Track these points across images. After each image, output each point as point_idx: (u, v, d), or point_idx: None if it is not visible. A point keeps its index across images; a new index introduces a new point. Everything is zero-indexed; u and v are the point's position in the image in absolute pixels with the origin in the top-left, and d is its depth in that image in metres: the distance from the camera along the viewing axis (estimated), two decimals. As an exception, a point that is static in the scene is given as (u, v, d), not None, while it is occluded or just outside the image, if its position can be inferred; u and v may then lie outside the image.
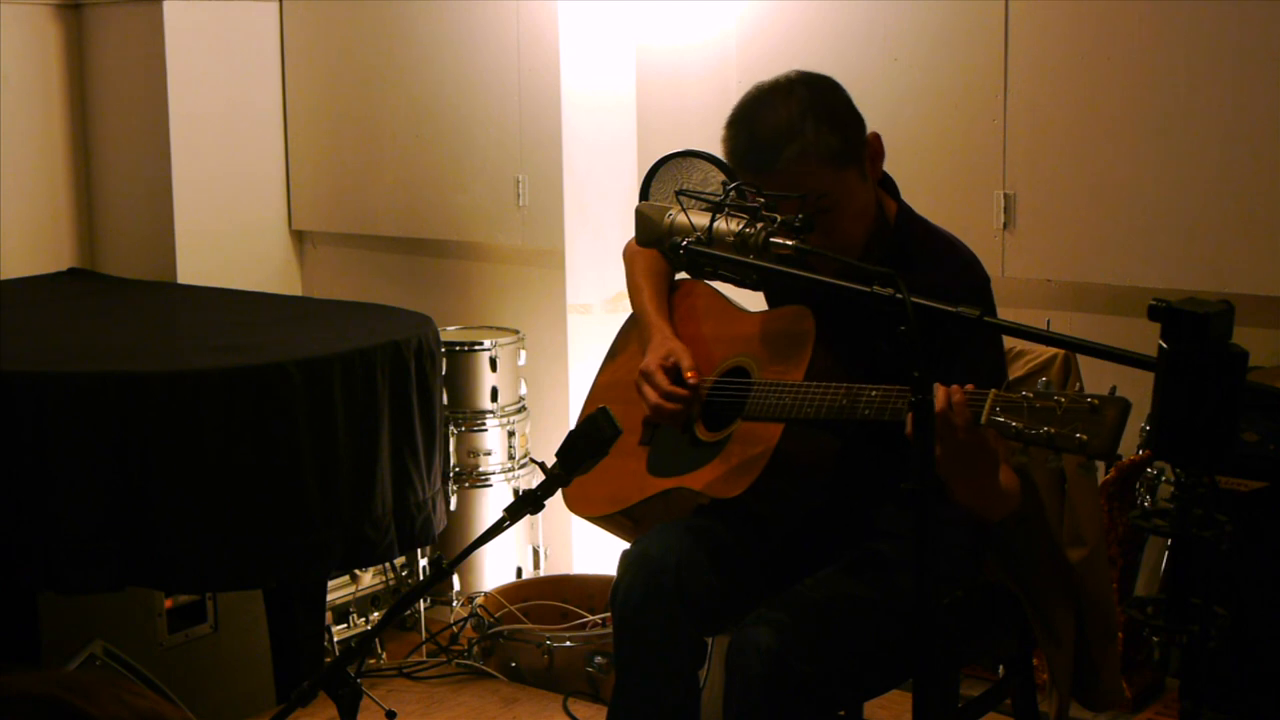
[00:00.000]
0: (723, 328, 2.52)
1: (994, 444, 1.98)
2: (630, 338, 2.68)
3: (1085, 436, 1.78)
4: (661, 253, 2.19)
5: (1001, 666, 2.68)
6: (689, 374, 2.42)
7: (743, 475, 2.28)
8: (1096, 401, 1.78)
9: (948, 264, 2.33)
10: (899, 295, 1.79)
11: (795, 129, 2.20)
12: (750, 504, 2.29)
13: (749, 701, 2.15)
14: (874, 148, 2.30)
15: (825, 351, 2.29)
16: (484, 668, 3.69)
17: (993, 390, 1.92)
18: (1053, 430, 1.81)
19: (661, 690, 2.31)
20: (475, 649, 3.73)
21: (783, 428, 2.26)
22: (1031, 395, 1.85)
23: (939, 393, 1.92)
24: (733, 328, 2.51)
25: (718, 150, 2.45)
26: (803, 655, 2.13)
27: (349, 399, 3.13)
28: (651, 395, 2.41)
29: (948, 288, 1.93)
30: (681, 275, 2.69)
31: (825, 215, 2.20)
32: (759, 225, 2.05)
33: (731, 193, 2.11)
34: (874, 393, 2.10)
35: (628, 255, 2.71)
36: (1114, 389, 1.80)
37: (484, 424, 4.03)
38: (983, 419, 1.91)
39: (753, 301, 2.58)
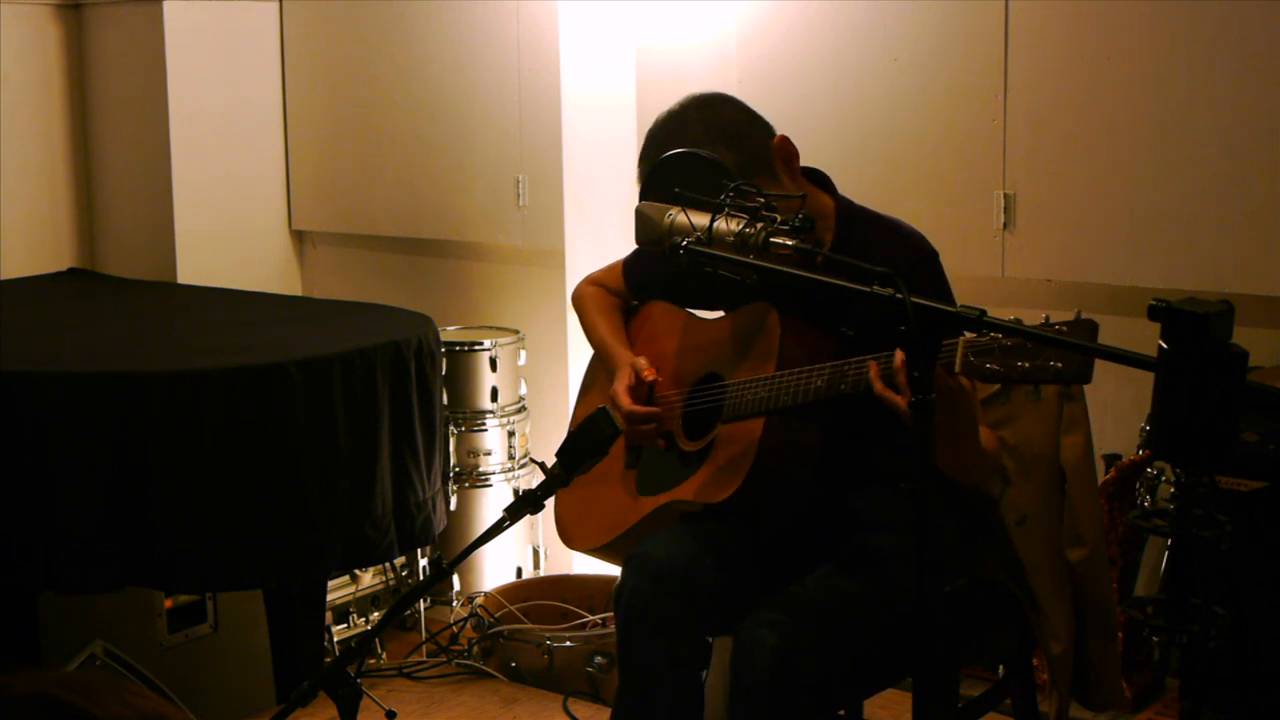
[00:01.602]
0: (686, 339, 2.53)
1: (970, 395, 1.98)
2: (598, 374, 2.70)
3: (1060, 364, 1.78)
4: (661, 252, 2.19)
5: (1001, 666, 2.68)
6: (646, 372, 2.45)
7: (731, 476, 2.29)
8: (1065, 329, 1.78)
9: (891, 240, 2.37)
10: (899, 295, 1.79)
11: (686, 162, 2.24)
12: (741, 503, 2.29)
13: (754, 703, 2.15)
14: (784, 150, 2.34)
15: (793, 342, 2.29)
16: (484, 668, 3.69)
17: (961, 338, 1.91)
18: (1027, 364, 1.81)
19: (666, 693, 2.32)
20: (475, 649, 3.73)
21: (763, 422, 2.26)
22: (999, 335, 1.84)
23: (900, 354, 1.92)
24: (696, 337, 2.51)
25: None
26: (806, 655, 2.13)
27: (349, 399, 3.12)
28: (619, 420, 2.40)
29: (893, 263, 1.92)
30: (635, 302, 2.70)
31: None
32: (759, 225, 2.05)
33: (731, 193, 2.11)
34: (847, 367, 2.11)
35: (576, 298, 2.75)
36: (1079, 313, 1.79)
37: (484, 424, 4.03)
38: (957, 367, 1.90)
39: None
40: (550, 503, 2.34)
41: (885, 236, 2.37)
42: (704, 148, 2.25)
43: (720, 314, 2.53)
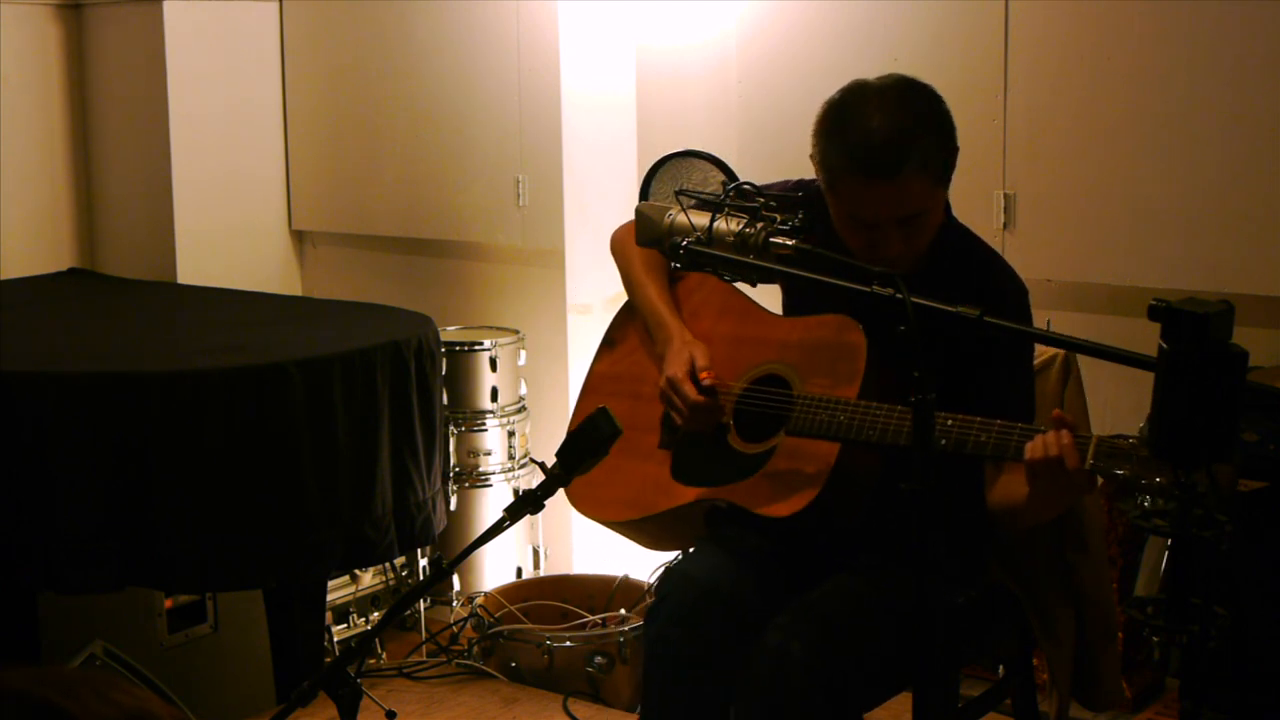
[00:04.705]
0: (748, 329, 2.43)
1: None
2: (631, 328, 2.60)
3: (1202, 490, 1.79)
4: (661, 252, 2.18)
5: (1001, 666, 2.67)
6: (703, 375, 2.36)
7: (795, 495, 2.21)
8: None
9: (994, 274, 2.32)
10: (899, 295, 1.79)
11: (917, 143, 2.16)
12: (797, 522, 2.23)
13: (772, 709, 2.14)
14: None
15: (874, 368, 2.21)
16: (484, 668, 3.69)
17: (1094, 435, 1.93)
18: (1165, 481, 1.81)
19: (696, 712, 2.30)
20: (475, 649, 3.73)
21: (839, 448, 2.19)
22: (1135, 441, 1.85)
23: (1047, 438, 1.94)
24: (761, 330, 2.41)
25: (720, 152, 2.44)
26: (823, 662, 2.12)
27: (349, 399, 3.12)
28: (681, 407, 2.35)
29: (992, 299, 1.92)
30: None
31: (911, 224, 2.18)
32: (759, 225, 2.05)
33: (731, 193, 2.11)
34: (950, 422, 2.04)
35: (618, 246, 2.63)
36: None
37: (484, 424, 4.03)
38: (1086, 463, 1.91)
39: (763, 296, 2.50)
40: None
41: (985, 265, 2.33)
42: (925, 136, 2.16)
43: (773, 310, 2.46)
